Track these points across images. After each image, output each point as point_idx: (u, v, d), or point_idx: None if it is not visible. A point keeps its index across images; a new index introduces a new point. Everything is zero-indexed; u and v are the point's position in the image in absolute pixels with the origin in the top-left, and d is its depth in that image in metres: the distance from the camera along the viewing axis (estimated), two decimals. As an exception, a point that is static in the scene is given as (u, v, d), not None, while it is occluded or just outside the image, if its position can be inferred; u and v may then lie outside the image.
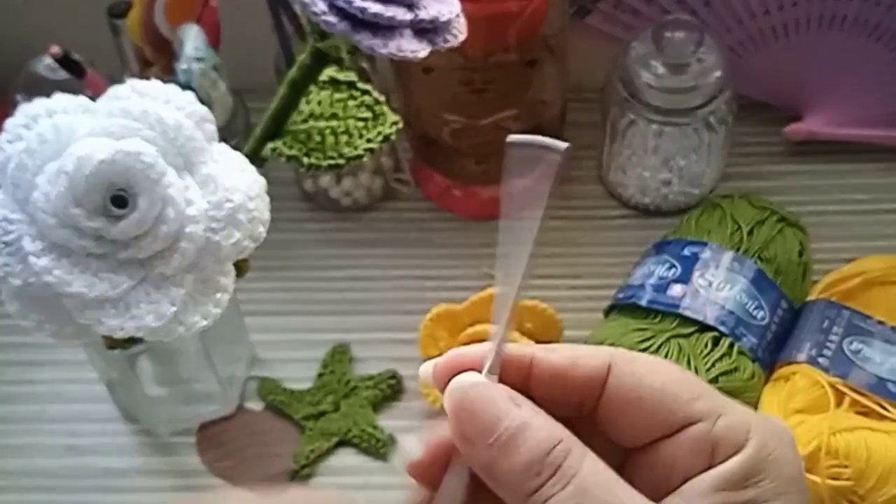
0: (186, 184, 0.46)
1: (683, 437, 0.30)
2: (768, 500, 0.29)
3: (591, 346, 0.31)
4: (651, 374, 0.30)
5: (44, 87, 0.64)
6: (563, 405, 0.31)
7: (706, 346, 0.64)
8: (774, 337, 0.66)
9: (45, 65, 0.67)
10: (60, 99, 0.46)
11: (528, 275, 0.29)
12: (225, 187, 0.47)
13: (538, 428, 0.29)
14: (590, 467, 0.28)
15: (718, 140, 0.74)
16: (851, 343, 0.65)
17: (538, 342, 0.68)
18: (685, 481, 0.29)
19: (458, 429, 0.30)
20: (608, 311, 0.70)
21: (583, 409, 0.31)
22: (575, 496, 0.28)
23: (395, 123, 0.58)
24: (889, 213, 0.77)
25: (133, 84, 0.47)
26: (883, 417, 0.62)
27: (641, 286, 0.68)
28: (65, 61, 0.64)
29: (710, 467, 0.29)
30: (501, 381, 0.31)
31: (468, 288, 0.73)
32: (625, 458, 0.32)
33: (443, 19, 0.52)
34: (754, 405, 0.64)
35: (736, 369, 0.64)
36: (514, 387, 0.31)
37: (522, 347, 0.32)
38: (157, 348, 0.65)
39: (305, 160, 0.56)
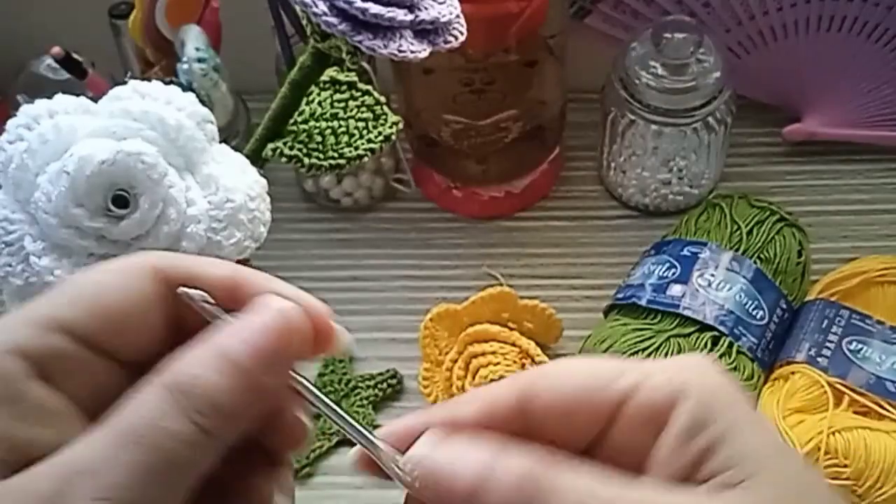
0: (188, 184, 0.46)
1: (624, 419, 0.28)
2: (733, 428, 0.27)
3: (495, 385, 0.29)
4: (566, 379, 0.28)
5: (45, 88, 0.65)
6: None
7: (705, 345, 0.65)
8: (774, 337, 0.67)
9: (47, 65, 0.67)
10: (62, 99, 0.46)
11: None
12: (226, 187, 0.47)
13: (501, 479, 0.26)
14: (565, 482, 0.26)
15: (718, 140, 0.74)
16: (850, 343, 0.65)
17: (538, 342, 0.68)
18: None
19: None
20: (608, 311, 0.70)
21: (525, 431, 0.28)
22: None
23: (395, 124, 0.58)
24: (888, 214, 0.78)
25: (134, 85, 0.47)
26: (882, 417, 0.62)
27: (641, 286, 0.68)
28: (66, 62, 0.64)
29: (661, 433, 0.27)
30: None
31: (468, 288, 0.73)
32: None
33: (443, 20, 0.52)
34: (754, 405, 0.64)
35: (735, 369, 0.64)
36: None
37: (422, 419, 0.29)
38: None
39: (306, 160, 0.56)
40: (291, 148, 0.57)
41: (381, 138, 0.57)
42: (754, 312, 0.66)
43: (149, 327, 0.28)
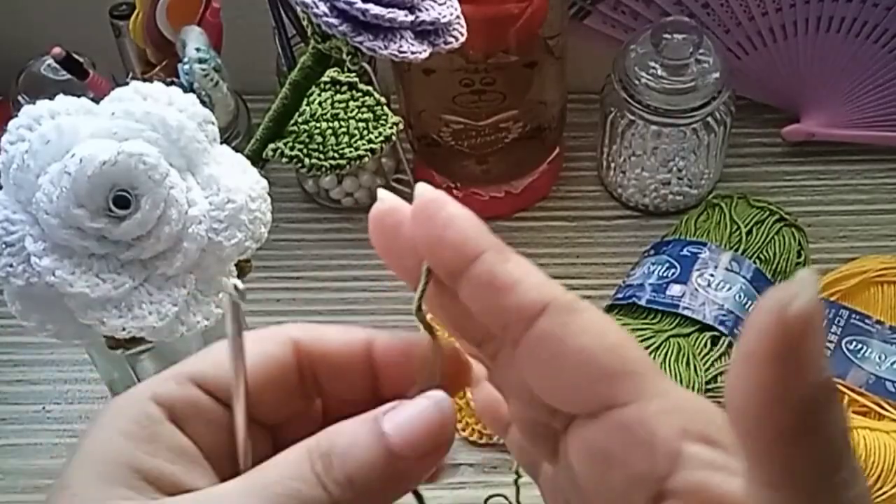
0: (189, 185, 0.46)
1: (610, 422, 0.25)
2: None
3: (543, 281, 0.26)
4: (584, 333, 0.25)
5: (46, 89, 0.65)
6: (489, 319, 0.27)
7: (705, 345, 0.65)
8: (773, 337, 0.67)
9: (48, 66, 0.67)
10: (63, 100, 0.46)
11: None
12: (227, 188, 0.47)
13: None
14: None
15: (717, 141, 0.74)
16: (850, 343, 0.65)
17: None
18: (630, 483, 0.24)
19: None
20: (608, 311, 0.70)
21: (505, 335, 0.26)
22: None
23: (395, 124, 0.58)
24: (887, 214, 0.78)
25: (135, 85, 0.47)
26: (882, 417, 0.62)
27: (641, 286, 0.68)
28: (67, 62, 0.64)
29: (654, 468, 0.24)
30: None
31: (468, 288, 0.73)
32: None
33: (443, 21, 0.52)
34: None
35: (735, 369, 0.64)
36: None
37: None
38: (159, 348, 0.65)
39: (307, 161, 0.56)
40: (292, 148, 0.57)
41: (381, 139, 0.57)
42: (754, 312, 0.66)
43: (279, 390, 0.29)
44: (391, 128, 0.58)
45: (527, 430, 0.29)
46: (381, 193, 0.30)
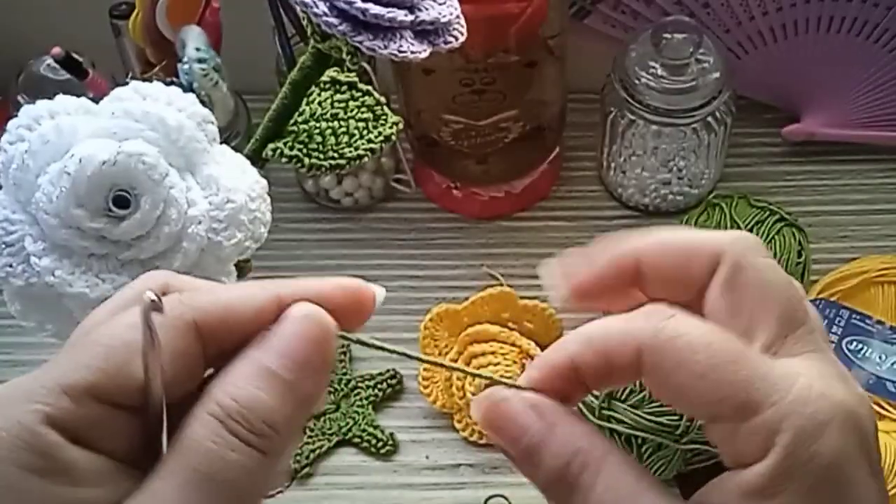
0: (188, 184, 0.46)
1: (714, 424, 0.28)
2: None
3: (621, 329, 0.30)
4: (677, 371, 0.28)
5: (45, 88, 0.65)
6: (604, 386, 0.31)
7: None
8: (773, 337, 0.66)
9: (47, 66, 0.67)
10: (62, 100, 0.46)
11: None
12: (227, 188, 0.47)
13: (554, 440, 0.29)
14: (605, 482, 0.28)
15: (717, 141, 0.74)
16: (850, 343, 0.65)
17: (538, 342, 0.68)
18: (740, 462, 0.28)
19: (492, 439, 0.30)
20: (608, 311, 0.70)
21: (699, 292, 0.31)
22: None
23: (395, 124, 0.58)
24: (888, 213, 0.78)
25: (135, 85, 0.47)
26: (882, 417, 0.62)
27: (641, 286, 0.68)
28: (66, 62, 0.64)
29: (742, 465, 0.27)
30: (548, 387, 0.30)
31: (468, 288, 0.73)
32: None
33: (443, 20, 0.52)
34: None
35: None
36: (565, 388, 0.30)
37: (560, 350, 0.30)
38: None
39: (306, 161, 0.56)
40: (292, 148, 0.57)
41: (381, 138, 0.57)
42: (754, 312, 0.66)
43: (185, 381, 0.28)
44: (391, 128, 0.57)
45: None
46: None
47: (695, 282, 0.31)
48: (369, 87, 0.59)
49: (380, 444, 0.69)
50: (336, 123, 0.57)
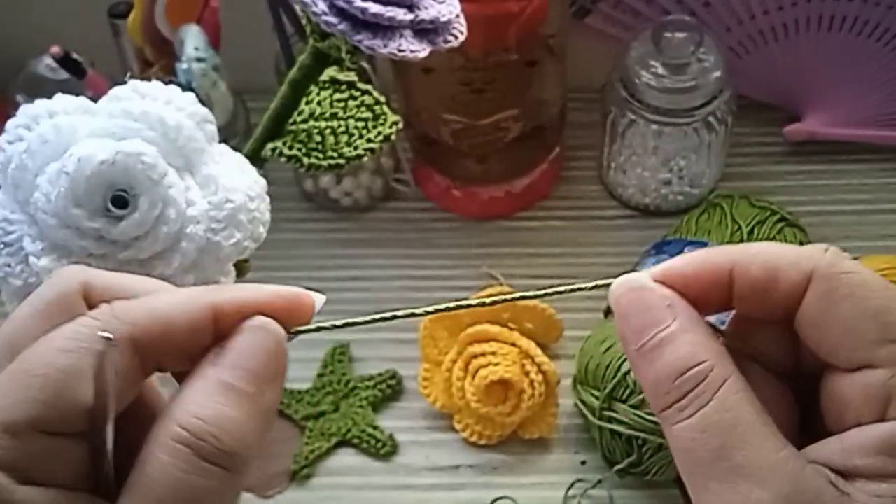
0: (187, 184, 0.46)
1: (859, 378, 0.28)
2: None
3: (794, 252, 0.29)
4: (847, 299, 0.28)
5: (44, 88, 0.65)
6: (768, 313, 0.30)
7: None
8: (774, 337, 0.66)
9: (46, 65, 0.67)
10: (61, 99, 0.46)
11: None
12: (226, 188, 0.47)
13: (683, 343, 0.28)
14: (719, 402, 0.27)
15: (718, 140, 0.74)
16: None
17: (538, 343, 0.68)
18: (857, 424, 0.28)
19: (617, 325, 0.30)
20: (608, 311, 0.70)
21: (788, 315, 0.29)
22: (698, 428, 0.27)
23: (395, 124, 0.58)
24: (889, 213, 0.78)
25: (134, 85, 0.47)
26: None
27: (641, 286, 0.68)
28: (65, 62, 0.64)
29: (882, 419, 0.27)
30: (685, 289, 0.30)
31: (468, 288, 0.73)
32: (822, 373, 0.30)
33: (443, 19, 0.52)
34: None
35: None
36: (711, 298, 0.29)
37: (722, 254, 0.30)
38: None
39: (306, 160, 0.56)
40: (291, 148, 0.56)
41: (380, 138, 0.57)
42: (755, 312, 0.66)
43: (126, 397, 0.28)
44: (390, 127, 0.57)
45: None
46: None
47: (782, 296, 0.29)
48: (369, 87, 0.59)
49: (379, 444, 0.68)
50: (335, 123, 0.57)
